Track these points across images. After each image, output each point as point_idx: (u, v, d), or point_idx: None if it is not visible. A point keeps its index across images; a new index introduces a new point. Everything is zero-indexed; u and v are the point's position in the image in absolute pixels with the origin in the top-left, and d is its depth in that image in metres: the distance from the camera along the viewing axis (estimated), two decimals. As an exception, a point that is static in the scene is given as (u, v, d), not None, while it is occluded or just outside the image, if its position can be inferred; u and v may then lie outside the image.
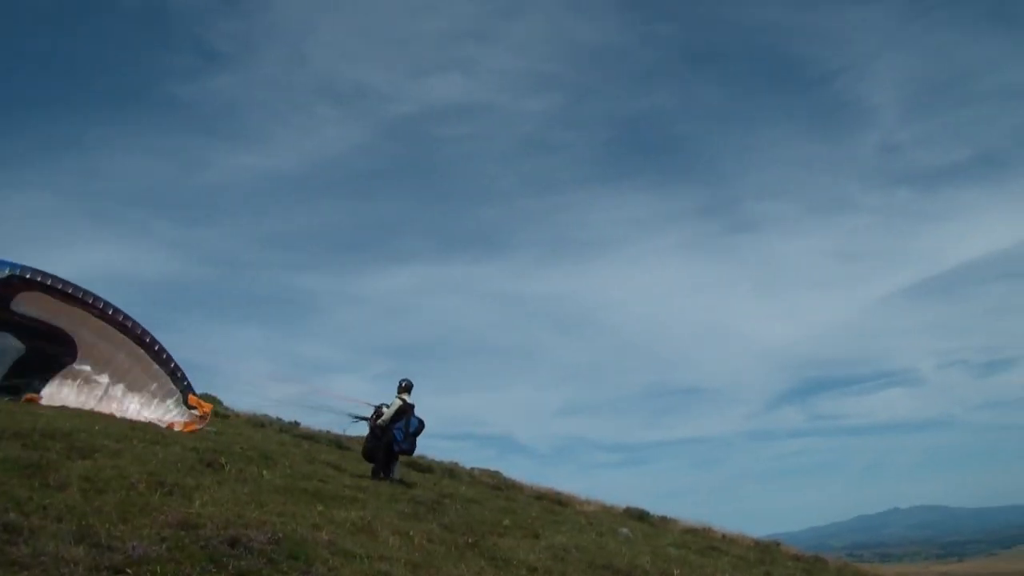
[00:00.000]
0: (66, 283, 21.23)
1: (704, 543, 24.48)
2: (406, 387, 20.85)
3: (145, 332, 22.60)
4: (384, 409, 20.68)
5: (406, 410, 20.47)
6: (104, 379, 22.63)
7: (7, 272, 20.41)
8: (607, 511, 27.95)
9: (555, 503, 26.62)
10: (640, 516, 28.20)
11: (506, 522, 17.51)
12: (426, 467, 28.10)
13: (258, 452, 19.35)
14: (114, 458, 14.03)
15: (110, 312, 21.93)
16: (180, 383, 23.08)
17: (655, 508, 29.64)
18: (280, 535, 10.51)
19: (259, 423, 30.66)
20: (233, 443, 20.28)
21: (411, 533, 13.54)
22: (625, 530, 21.34)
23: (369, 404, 21.31)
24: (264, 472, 16.48)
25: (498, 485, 28.66)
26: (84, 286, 21.24)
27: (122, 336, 22.31)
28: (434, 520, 15.64)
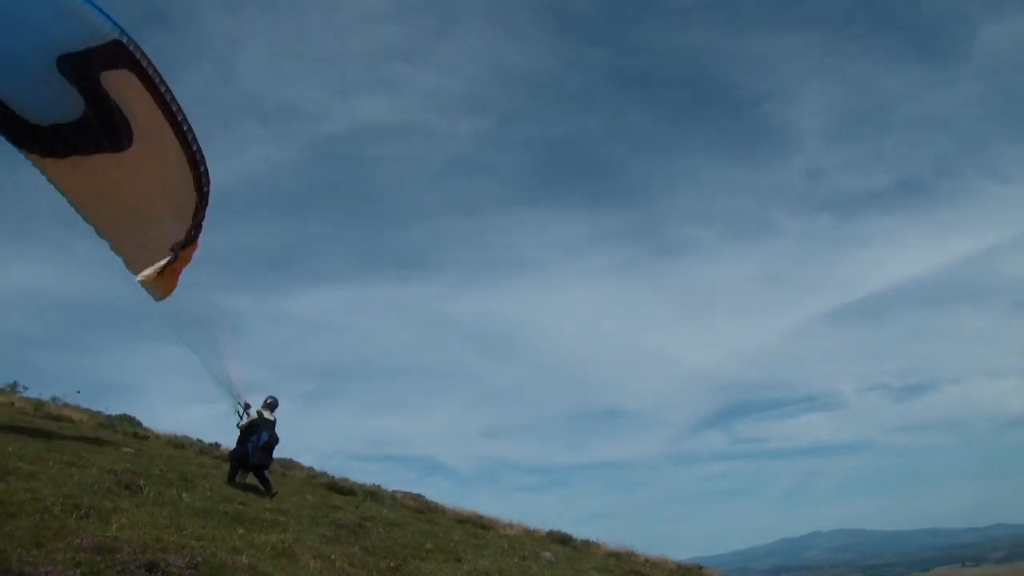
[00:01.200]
0: (163, 80, 18.68)
1: (627, 567, 24.66)
2: (270, 404, 21.75)
3: (207, 181, 20.15)
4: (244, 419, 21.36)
5: (260, 424, 21.10)
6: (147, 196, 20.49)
7: (115, 34, 17.61)
8: (530, 535, 27.99)
9: (478, 527, 26.60)
10: (563, 540, 28.25)
11: (428, 546, 17.53)
12: (348, 489, 27.86)
13: (177, 474, 19.06)
14: (28, 480, 13.75)
15: (188, 137, 19.46)
16: (187, 239, 20.93)
17: (578, 531, 29.72)
18: (199, 559, 10.44)
19: (179, 444, 30.07)
20: (152, 465, 19.93)
21: (332, 557, 13.52)
22: (548, 554, 21.44)
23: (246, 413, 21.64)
24: (184, 495, 16.27)
25: (420, 508, 28.55)
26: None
27: (185, 167, 19.77)
28: (356, 543, 15.62)
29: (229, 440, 31.93)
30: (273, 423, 21.47)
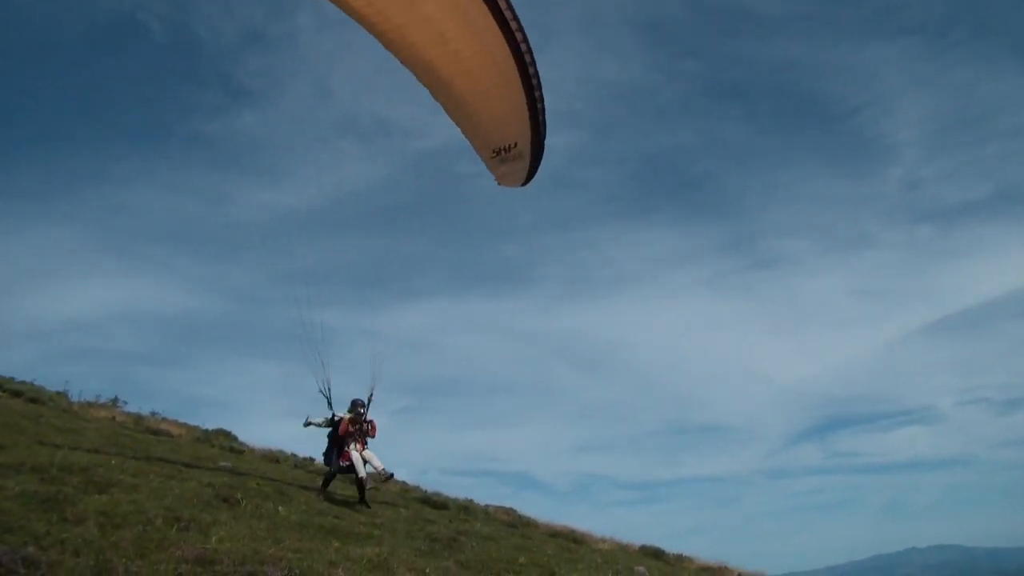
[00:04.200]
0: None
1: (721, 582, 24.21)
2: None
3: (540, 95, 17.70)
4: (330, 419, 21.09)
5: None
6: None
7: None
8: (622, 549, 27.68)
9: (570, 541, 26.40)
10: (656, 554, 27.91)
11: (522, 560, 17.38)
12: (441, 504, 27.94)
13: (273, 487, 19.32)
14: (131, 492, 14.05)
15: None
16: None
17: (671, 546, 29.30)
18: (296, 571, 10.50)
19: (274, 458, 30.62)
20: (248, 478, 20.25)
21: (427, 570, 13.47)
22: (641, 568, 21.11)
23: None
24: (280, 508, 16.45)
25: (513, 522, 28.46)
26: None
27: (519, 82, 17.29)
28: (450, 557, 15.56)
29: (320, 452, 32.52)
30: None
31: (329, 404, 20.93)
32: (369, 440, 21.04)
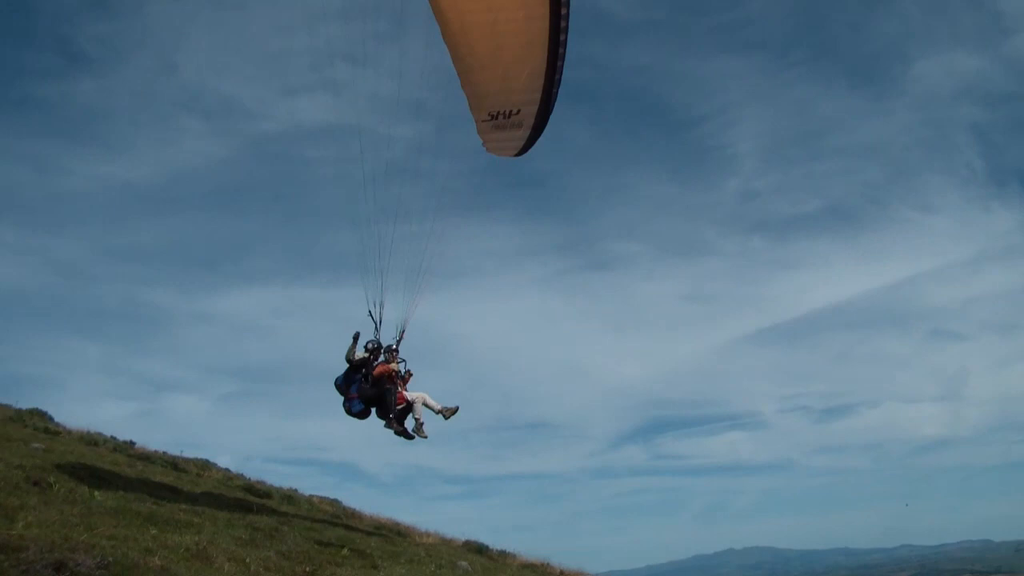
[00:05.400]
0: None
1: (541, 578, 24.82)
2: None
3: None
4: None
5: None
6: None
7: None
8: (446, 544, 27.97)
9: (395, 534, 26.51)
10: (479, 550, 28.28)
11: (345, 552, 17.42)
12: (265, 492, 27.55)
13: (89, 471, 18.64)
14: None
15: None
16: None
17: (495, 542, 29.75)
18: (109, 560, 10.23)
19: (92, 441, 29.39)
20: (63, 461, 19.46)
21: (247, 560, 13.36)
22: (464, 563, 21.44)
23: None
24: (95, 492, 15.93)
25: (337, 513, 28.37)
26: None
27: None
28: (271, 547, 15.44)
29: (145, 439, 31.40)
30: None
31: (376, 328, 19.08)
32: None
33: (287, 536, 17.21)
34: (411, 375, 19.75)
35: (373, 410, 19.09)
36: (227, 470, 31.63)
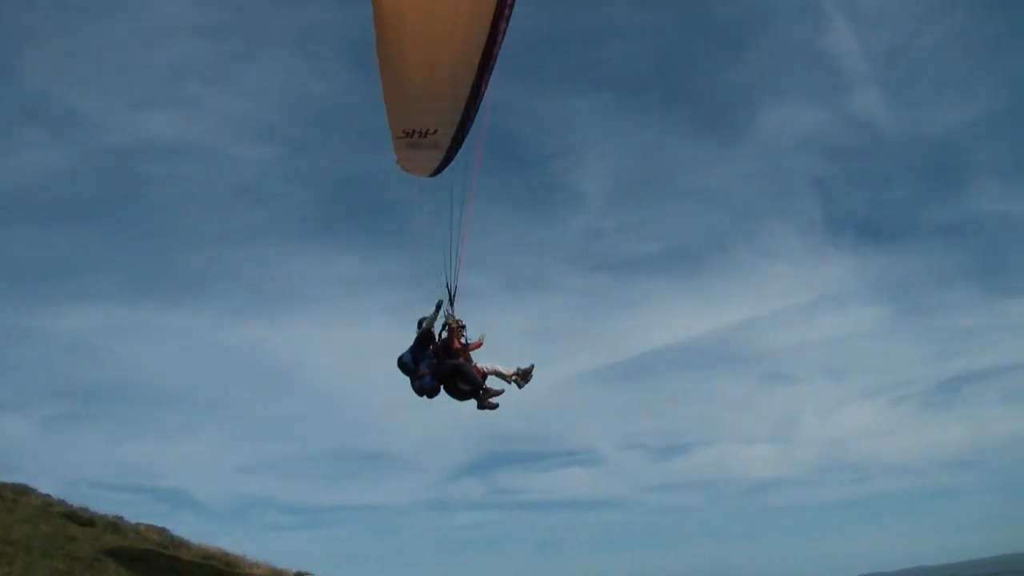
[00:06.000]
0: None
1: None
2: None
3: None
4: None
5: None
6: None
7: None
8: (277, 574, 27.68)
9: (223, 564, 26.06)
10: (310, 581, 28.15)
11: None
12: (87, 520, 26.58)
13: None
14: None
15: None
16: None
17: (327, 573, 29.64)
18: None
19: None
20: None
21: (64, 592, 13.05)
22: (292, 594, 21.38)
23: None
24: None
25: (164, 543, 27.61)
26: None
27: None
28: (91, 579, 15.08)
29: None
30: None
31: (451, 301, 18.65)
32: None
33: (108, 567, 16.82)
34: (480, 343, 19.09)
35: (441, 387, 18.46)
36: (48, 496, 30.32)
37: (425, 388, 18.21)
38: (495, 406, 18.66)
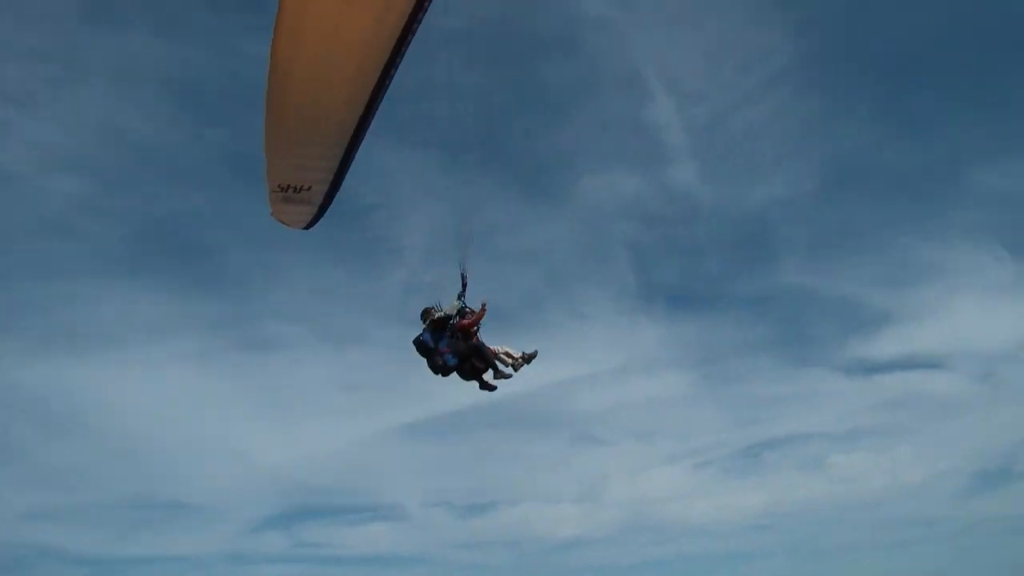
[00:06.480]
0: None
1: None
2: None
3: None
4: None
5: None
6: None
7: None
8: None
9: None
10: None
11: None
12: None
13: None
14: None
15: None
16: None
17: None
18: None
19: None
20: None
21: None
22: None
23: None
24: None
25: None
26: None
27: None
28: None
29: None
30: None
31: (464, 287, 19.29)
32: None
33: None
34: (484, 311, 19.50)
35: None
36: None
37: (449, 365, 18.91)
38: (495, 388, 19.57)
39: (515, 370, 19.78)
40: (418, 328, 18.92)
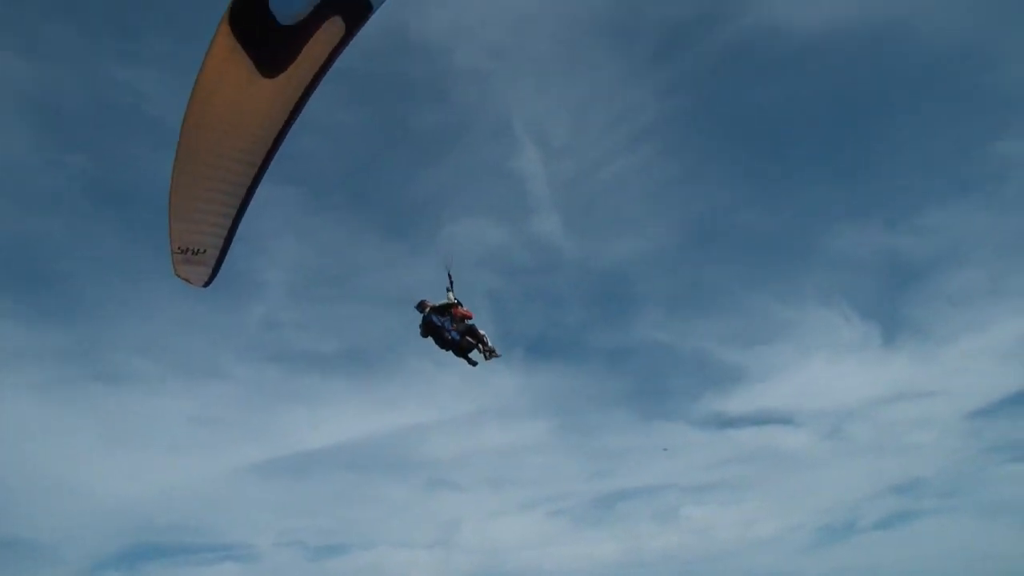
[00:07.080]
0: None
1: None
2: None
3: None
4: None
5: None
6: None
7: None
8: None
9: None
10: None
11: None
12: None
13: None
14: None
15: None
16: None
17: None
18: None
19: None
20: None
21: None
22: None
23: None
24: None
25: None
26: None
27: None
28: None
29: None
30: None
31: (451, 283, 22.73)
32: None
33: None
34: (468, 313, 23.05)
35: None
36: None
37: (455, 340, 22.23)
38: (476, 364, 22.83)
39: (485, 358, 22.82)
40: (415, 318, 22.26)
